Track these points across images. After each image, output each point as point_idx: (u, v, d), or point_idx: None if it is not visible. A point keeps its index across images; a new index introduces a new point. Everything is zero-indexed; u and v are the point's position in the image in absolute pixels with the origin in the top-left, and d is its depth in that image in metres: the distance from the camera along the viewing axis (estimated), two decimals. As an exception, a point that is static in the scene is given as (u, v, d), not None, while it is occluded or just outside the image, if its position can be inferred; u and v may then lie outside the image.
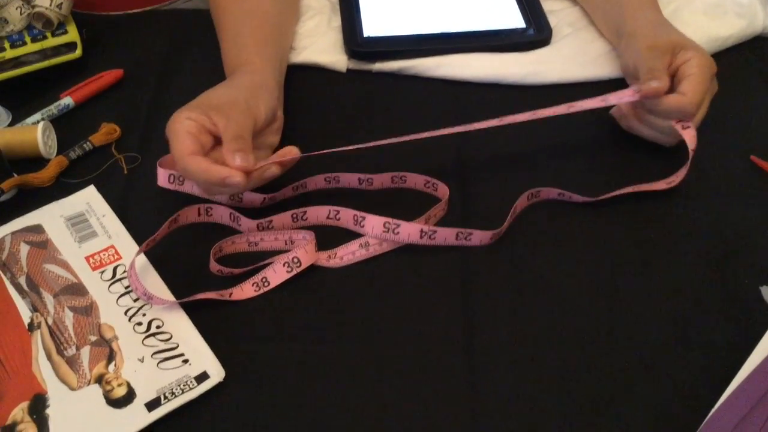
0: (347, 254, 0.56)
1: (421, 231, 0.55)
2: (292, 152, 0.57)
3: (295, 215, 0.58)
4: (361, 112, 0.68)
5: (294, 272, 0.54)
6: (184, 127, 0.54)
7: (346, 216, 0.57)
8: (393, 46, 0.71)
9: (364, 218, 0.56)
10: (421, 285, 0.54)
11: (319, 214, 0.58)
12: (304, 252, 0.54)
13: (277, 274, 0.54)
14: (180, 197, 0.60)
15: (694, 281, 0.54)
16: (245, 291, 0.53)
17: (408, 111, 0.68)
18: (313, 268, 0.55)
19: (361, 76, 0.71)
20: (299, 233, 0.56)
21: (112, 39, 0.77)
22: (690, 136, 0.57)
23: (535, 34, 0.71)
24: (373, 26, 0.72)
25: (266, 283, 0.54)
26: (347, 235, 0.57)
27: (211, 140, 0.55)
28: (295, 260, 0.54)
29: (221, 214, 0.58)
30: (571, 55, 0.70)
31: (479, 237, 0.56)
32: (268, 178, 0.56)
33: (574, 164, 0.62)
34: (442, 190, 0.59)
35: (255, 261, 0.55)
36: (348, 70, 0.71)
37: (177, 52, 0.75)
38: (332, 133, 0.66)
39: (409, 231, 0.55)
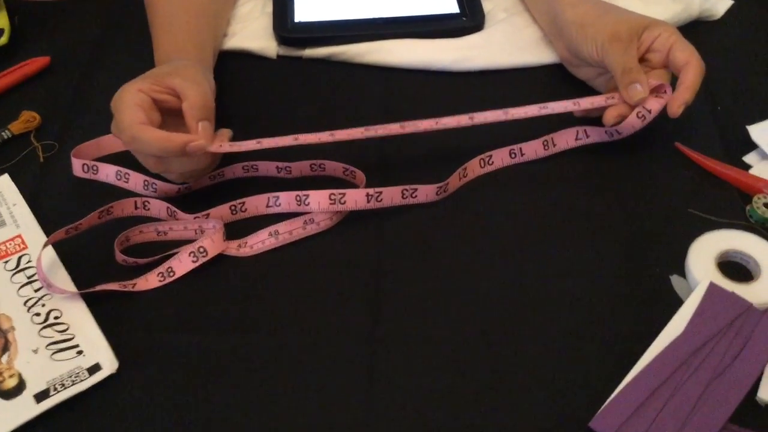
0: (257, 243, 0.55)
1: (367, 195, 0.55)
2: (227, 133, 0.57)
3: (233, 207, 0.57)
4: (291, 99, 0.67)
5: (200, 262, 0.53)
6: (135, 99, 0.52)
7: (287, 199, 0.56)
8: (323, 32, 0.70)
9: (307, 196, 0.55)
10: (331, 274, 0.53)
11: (258, 204, 0.57)
12: (211, 241, 0.53)
13: (182, 263, 0.53)
14: (96, 188, 0.59)
15: (603, 268, 0.53)
16: (150, 281, 0.53)
17: (338, 98, 0.67)
18: (223, 258, 0.54)
19: (291, 62, 0.70)
20: (209, 222, 0.55)
21: (43, 25, 0.75)
22: (659, 104, 0.56)
23: (467, 19, 0.70)
24: (305, 11, 0.71)
25: (171, 273, 0.53)
26: (258, 224, 0.56)
27: (160, 119, 0.54)
28: (201, 250, 0.53)
29: (159, 208, 0.57)
30: (502, 42, 0.69)
31: (425, 192, 0.56)
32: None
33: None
34: (360, 178, 0.58)
35: (164, 251, 0.54)
36: (278, 56, 0.70)
37: (106, 39, 0.73)
38: (261, 121, 0.65)
39: (356, 198, 0.54)
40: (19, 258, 0.54)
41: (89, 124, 0.64)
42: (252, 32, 0.71)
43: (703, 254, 0.52)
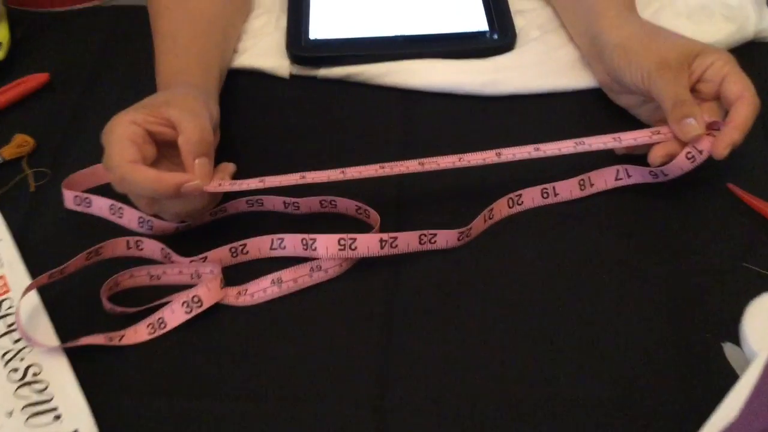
0: (258, 291, 0.50)
1: (381, 240, 0.49)
2: (230, 165, 0.52)
3: (234, 249, 0.51)
4: (303, 123, 0.62)
5: (194, 313, 0.48)
6: (127, 132, 0.48)
7: (292, 242, 0.51)
8: (339, 50, 0.64)
9: (314, 240, 0.50)
10: (338, 329, 0.48)
11: (261, 246, 0.51)
12: (206, 290, 0.48)
13: (175, 314, 0.48)
14: (90, 222, 0.55)
15: (642, 330, 0.47)
16: (139, 334, 0.48)
17: (354, 122, 0.62)
18: (220, 306, 0.49)
19: (305, 82, 0.65)
20: (206, 266, 0.50)
21: (46, 39, 0.71)
22: (709, 143, 0.50)
23: (497, 38, 0.64)
24: (321, 27, 0.66)
25: (162, 325, 0.48)
26: (260, 269, 0.51)
27: (155, 153, 0.49)
28: (196, 299, 0.48)
29: (152, 249, 0.52)
30: (534, 63, 0.63)
31: (445, 238, 0.51)
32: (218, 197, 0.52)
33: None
34: (374, 218, 0.53)
35: (158, 297, 0.50)
36: (291, 75, 0.65)
37: (108, 55, 0.69)
38: (270, 146, 0.60)
39: (368, 243, 0.49)
40: (0, 303, 0.49)
41: (85, 149, 0.60)
42: (264, 49, 0.66)
43: (762, 318, 0.46)
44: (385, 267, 0.51)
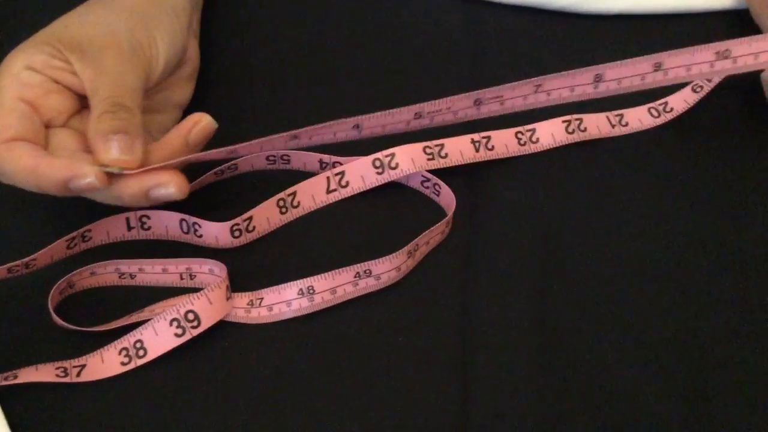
0: (279, 303, 0.34)
1: (473, 141, 0.38)
2: (203, 122, 0.34)
3: (282, 202, 0.36)
4: (319, 36, 0.45)
5: (187, 336, 0.33)
6: (15, 85, 0.32)
7: (357, 172, 0.37)
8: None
9: (392, 155, 0.37)
10: (400, 360, 0.34)
11: (315, 191, 0.37)
12: (207, 302, 0.33)
13: (159, 337, 0.33)
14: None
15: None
16: (107, 364, 0.32)
17: (395, 39, 0.45)
18: (223, 323, 0.34)
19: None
20: (204, 264, 0.35)
21: None
22: None
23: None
24: None
25: (141, 352, 0.33)
26: (278, 264, 0.36)
27: (72, 104, 0.34)
28: (191, 316, 0.33)
29: (166, 224, 0.36)
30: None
31: (549, 131, 0.39)
32: (163, 196, 0.33)
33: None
34: (447, 199, 0.37)
35: (136, 305, 0.34)
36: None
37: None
38: (276, 73, 0.44)
39: (460, 147, 0.38)
40: None
41: None
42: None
43: None
44: (457, 272, 0.36)
